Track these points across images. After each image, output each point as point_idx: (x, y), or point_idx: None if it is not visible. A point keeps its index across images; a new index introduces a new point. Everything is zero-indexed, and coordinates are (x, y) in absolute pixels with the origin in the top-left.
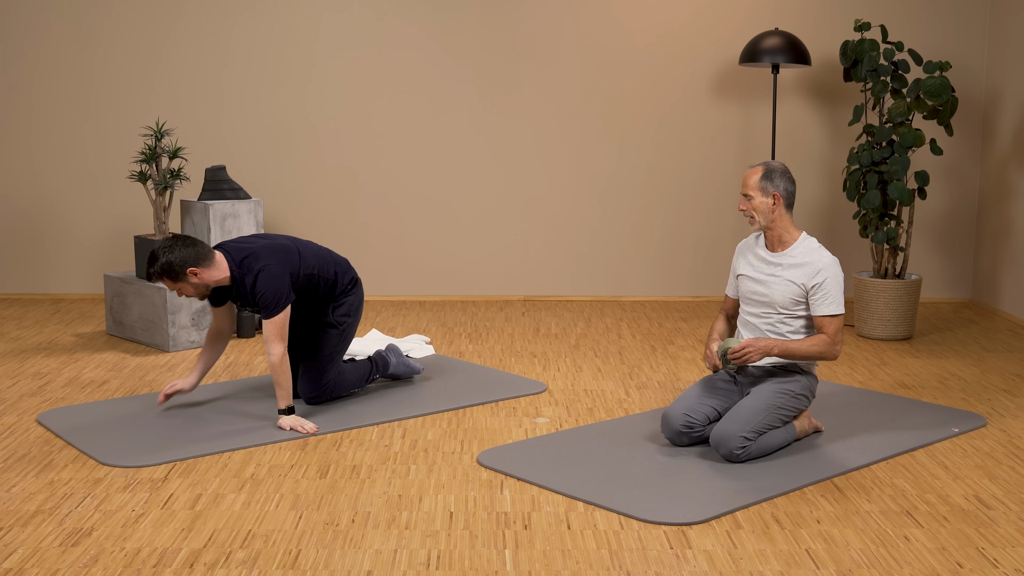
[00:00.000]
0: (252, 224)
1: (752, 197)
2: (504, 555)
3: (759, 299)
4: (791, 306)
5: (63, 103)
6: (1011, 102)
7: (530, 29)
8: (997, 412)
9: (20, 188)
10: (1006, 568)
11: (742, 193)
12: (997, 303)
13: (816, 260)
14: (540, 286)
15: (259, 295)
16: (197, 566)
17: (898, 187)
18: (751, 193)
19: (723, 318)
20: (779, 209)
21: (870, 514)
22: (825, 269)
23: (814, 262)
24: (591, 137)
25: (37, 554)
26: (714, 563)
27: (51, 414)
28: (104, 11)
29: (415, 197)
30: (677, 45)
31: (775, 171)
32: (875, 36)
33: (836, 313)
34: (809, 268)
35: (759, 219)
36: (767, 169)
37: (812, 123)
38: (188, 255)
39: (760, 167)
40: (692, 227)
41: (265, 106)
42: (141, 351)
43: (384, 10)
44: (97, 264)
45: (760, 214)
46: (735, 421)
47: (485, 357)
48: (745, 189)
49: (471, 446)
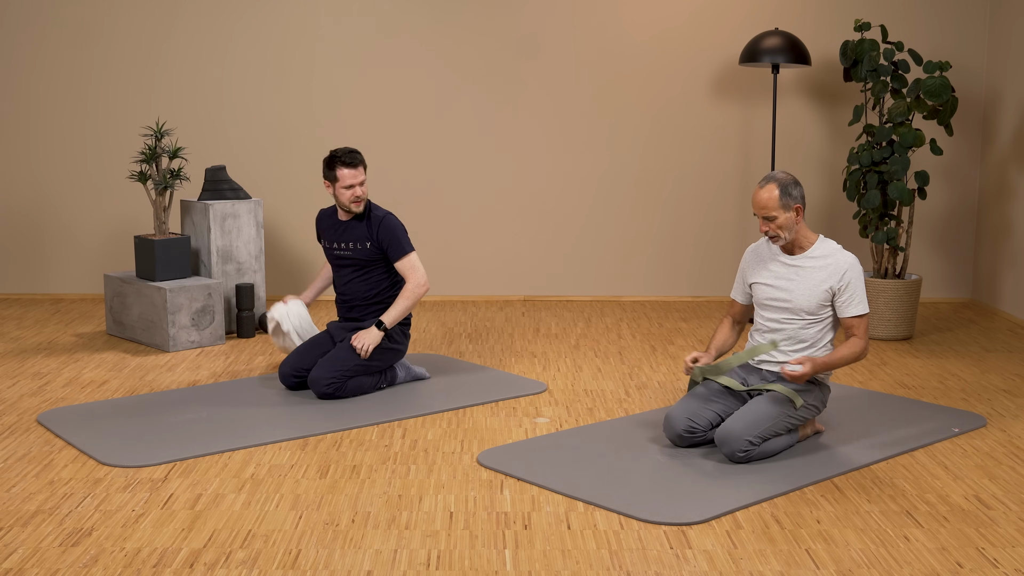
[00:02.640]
0: (252, 224)
1: (775, 217)
2: (504, 555)
3: (780, 305)
4: (816, 310)
5: (63, 103)
6: (1011, 102)
7: (530, 29)
8: (997, 412)
9: (20, 188)
10: (1006, 568)
11: (761, 216)
12: (997, 303)
13: (839, 261)
14: (540, 286)
15: (389, 230)
16: (197, 566)
17: (898, 187)
18: (774, 214)
19: (728, 325)
20: (801, 218)
21: (870, 514)
22: (850, 270)
23: (837, 263)
24: (591, 137)
25: (37, 554)
26: (714, 563)
27: (51, 414)
28: (104, 11)
29: (415, 197)
30: (677, 45)
31: (788, 183)
32: (875, 36)
33: (864, 313)
34: (833, 270)
35: (785, 235)
36: (781, 184)
37: (812, 123)
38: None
39: (772, 184)
40: (692, 227)
41: (265, 106)
42: (141, 351)
43: (384, 9)
44: (97, 264)
45: (786, 230)
46: (742, 422)
47: (485, 357)
48: (765, 211)
49: (471, 446)
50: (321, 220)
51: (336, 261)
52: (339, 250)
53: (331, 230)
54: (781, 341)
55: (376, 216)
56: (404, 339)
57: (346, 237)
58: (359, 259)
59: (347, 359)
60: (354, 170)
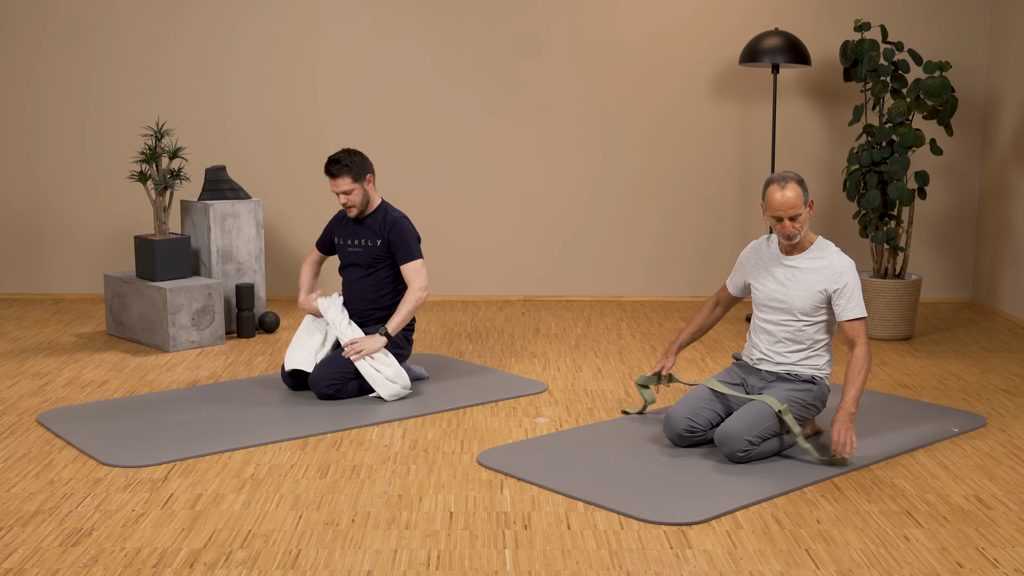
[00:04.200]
0: (252, 224)
1: (800, 214)
2: (504, 555)
3: (777, 305)
4: (812, 311)
5: (63, 103)
6: (1011, 102)
7: (530, 29)
8: (997, 412)
9: (20, 188)
10: (1006, 568)
11: (787, 217)
12: (997, 303)
13: (835, 263)
14: (540, 286)
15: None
16: (197, 566)
17: (898, 187)
18: (800, 211)
19: (711, 305)
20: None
21: (870, 514)
22: (845, 272)
23: (833, 265)
24: (591, 137)
25: (37, 554)
26: (714, 563)
27: (51, 414)
28: (103, 11)
29: (415, 197)
30: (677, 45)
31: (802, 179)
32: (875, 36)
33: (863, 316)
34: (829, 272)
35: (802, 232)
36: (799, 180)
37: (812, 123)
38: (370, 164)
39: (793, 183)
40: (692, 227)
41: (265, 106)
42: (141, 351)
43: (384, 9)
44: (97, 264)
45: (804, 227)
46: (742, 422)
47: (485, 357)
48: (793, 210)
49: (471, 446)
50: (339, 217)
51: (346, 259)
52: (352, 247)
53: (345, 227)
54: (782, 405)
55: (391, 216)
56: (408, 344)
57: (359, 234)
58: (367, 257)
59: (348, 360)
60: (334, 180)
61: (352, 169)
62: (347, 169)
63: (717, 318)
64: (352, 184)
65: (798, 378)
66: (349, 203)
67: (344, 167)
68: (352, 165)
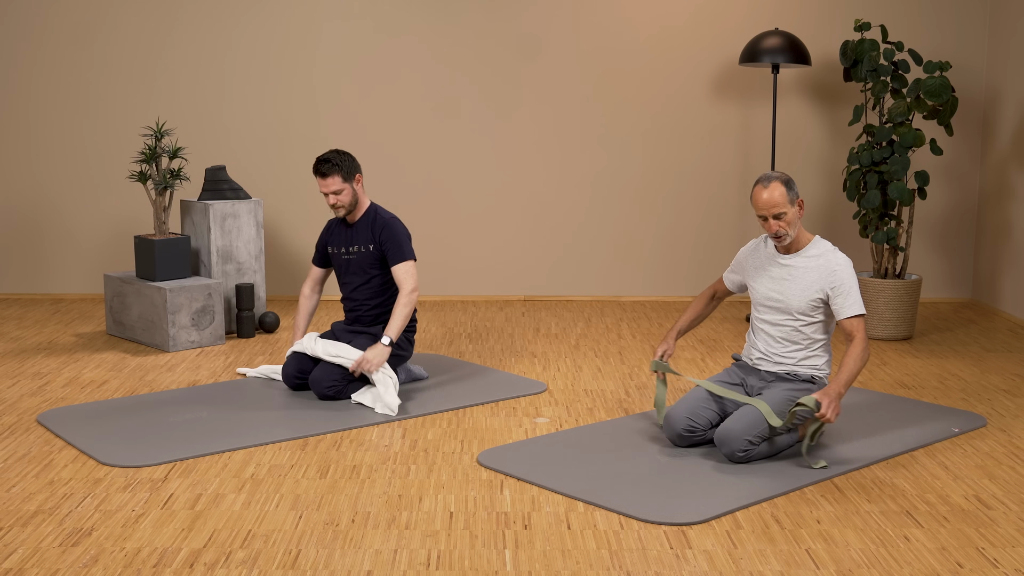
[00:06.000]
0: (252, 224)
1: (785, 212)
2: (504, 555)
3: (774, 305)
4: (809, 311)
5: (63, 103)
6: (1011, 102)
7: (530, 29)
8: (997, 412)
9: (20, 188)
10: (1006, 568)
11: (771, 216)
12: (997, 303)
13: (831, 262)
14: (540, 286)
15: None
16: (197, 566)
17: (898, 187)
18: (784, 209)
19: (706, 297)
20: (802, 214)
21: (870, 514)
22: (841, 270)
23: (829, 264)
24: (591, 137)
25: (37, 554)
26: (714, 563)
27: (51, 414)
28: (103, 11)
29: (415, 197)
30: (677, 45)
31: (788, 179)
32: (875, 36)
33: (862, 313)
34: (825, 271)
35: (791, 232)
36: (784, 180)
37: (812, 123)
38: (358, 164)
39: (775, 182)
40: (692, 227)
41: (265, 106)
42: (141, 351)
43: (384, 9)
44: (97, 264)
45: (792, 226)
46: (742, 422)
47: (485, 357)
48: (775, 209)
49: (471, 446)
50: (329, 227)
51: (343, 267)
52: (346, 254)
53: (339, 235)
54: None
55: (381, 218)
56: (409, 346)
57: (353, 239)
58: (363, 264)
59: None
60: (322, 180)
61: (342, 168)
62: (337, 168)
63: (713, 308)
64: (342, 184)
65: (797, 378)
66: (338, 203)
67: (334, 166)
68: (342, 164)
